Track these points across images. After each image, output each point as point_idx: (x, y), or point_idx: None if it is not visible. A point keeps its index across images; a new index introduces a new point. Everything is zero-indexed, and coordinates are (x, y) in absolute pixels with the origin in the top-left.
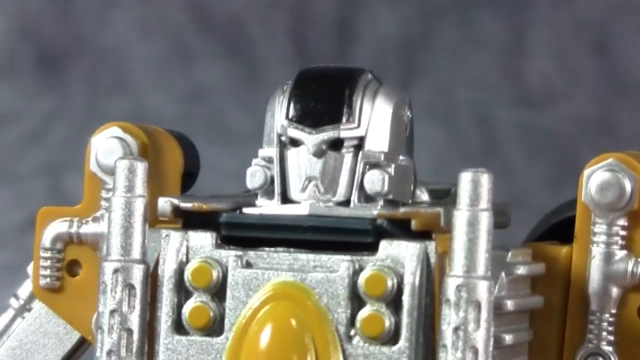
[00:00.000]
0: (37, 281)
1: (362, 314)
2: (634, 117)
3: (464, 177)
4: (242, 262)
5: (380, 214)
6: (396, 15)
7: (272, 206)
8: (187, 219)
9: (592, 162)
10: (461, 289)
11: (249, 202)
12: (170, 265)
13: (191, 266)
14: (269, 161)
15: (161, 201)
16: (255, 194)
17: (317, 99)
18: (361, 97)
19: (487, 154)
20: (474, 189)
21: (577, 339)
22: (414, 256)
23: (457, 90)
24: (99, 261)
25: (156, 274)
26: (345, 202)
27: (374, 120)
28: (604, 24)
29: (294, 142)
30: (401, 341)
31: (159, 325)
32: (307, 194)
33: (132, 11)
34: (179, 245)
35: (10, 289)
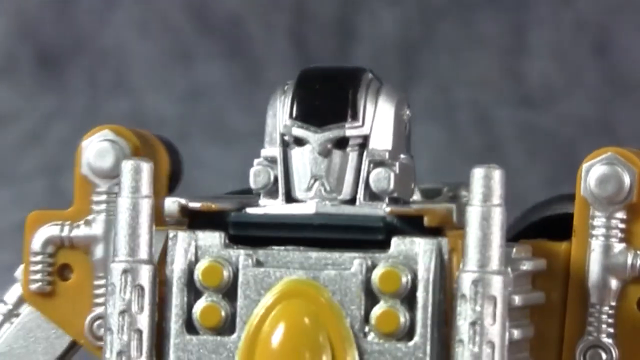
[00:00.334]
0: (27, 285)
1: (377, 311)
2: (634, 117)
3: (477, 173)
4: (253, 260)
5: (393, 211)
6: (396, 15)
7: (276, 205)
8: (193, 219)
9: (590, 156)
10: (477, 283)
11: (251, 202)
12: (179, 265)
13: (201, 266)
14: (272, 161)
15: (168, 201)
16: (258, 193)
17: (321, 98)
18: (365, 96)
19: (487, 154)
20: (486, 185)
21: (577, 332)
22: (427, 252)
23: (457, 90)
24: (90, 265)
25: (162, 274)
26: (350, 200)
27: (378, 119)
28: (604, 24)
29: (299, 141)
30: (416, 337)
31: (167, 325)
32: (313, 193)
33: (132, 11)
34: (187, 245)
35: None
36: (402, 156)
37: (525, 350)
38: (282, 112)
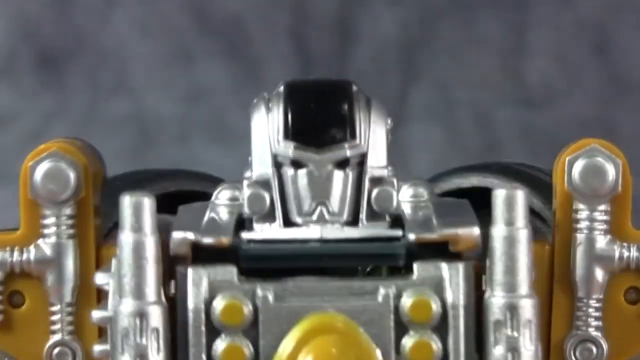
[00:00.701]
0: None
1: (409, 341)
2: (634, 117)
3: (499, 195)
4: (272, 295)
5: (419, 238)
6: (396, 15)
7: (276, 230)
8: (197, 252)
9: (572, 149)
10: (511, 309)
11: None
12: (193, 304)
13: (220, 304)
14: (264, 183)
15: (177, 236)
16: (250, 219)
17: (317, 118)
18: (358, 113)
19: (487, 154)
20: (509, 208)
21: (564, 327)
22: (455, 277)
23: (457, 90)
24: (44, 291)
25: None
26: (353, 221)
27: (372, 135)
28: (604, 24)
29: (296, 163)
30: None
31: None
32: (316, 217)
33: (132, 11)
34: (198, 281)
35: None
36: (390, 168)
37: None
38: (273, 132)
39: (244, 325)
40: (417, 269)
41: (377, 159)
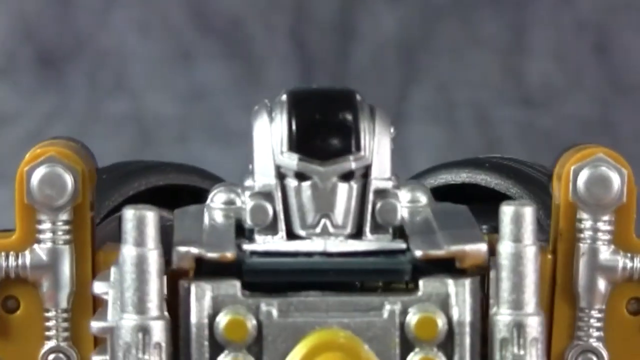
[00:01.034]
0: None
1: (414, 359)
2: (634, 117)
3: (506, 211)
4: (276, 311)
5: (426, 255)
6: (396, 15)
7: (279, 243)
8: (199, 266)
9: (577, 158)
10: (518, 327)
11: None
12: (196, 319)
13: (224, 319)
14: (267, 195)
15: (180, 250)
16: (251, 229)
17: (322, 130)
18: (363, 125)
19: (487, 154)
20: (517, 224)
21: (565, 337)
22: (461, 294)
23: (457, 90)
24: (39, 296)
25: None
26: (356, 234)
27: (377, 146)
28: (604, 24)
29: (300, 176)
30: None
31: None
32: (320, 229)
33: (132, 11)
34: (201, 296)
35: None
36: (393, 178)
37: None
38: (275, 142)
39: (247, 341)
40: (423, 285)
41: (381, 171)
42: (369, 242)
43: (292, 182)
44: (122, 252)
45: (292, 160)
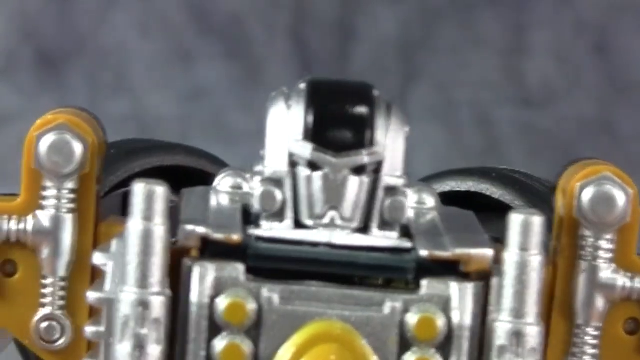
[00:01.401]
0: None
1: (411, 358)
2: (634, 117)
3: (514, 220)
4: (278, 297)
5: (431, 255)
6: (396, 15)
7: (285, 231)
8: (205, 246)
9: (583, 175)
10: (517, 335)
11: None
12: (197, 298)
13: (225, 302)
14: (278, 181)
15: (187, 229)
16: (257, 215)
17: (339, 122)
18: (379, 120)
19: (487, 154)
20: (524, 233)
21: (560, 353)
22: (463, 298)
23: (457, 90)
24: (37, 263)
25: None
26: (363, 228)
27: (390, 143)
28: (604, 24)
29: (312, 165)
30: None
31: None
32: (328, 220)
33: (132, 11)
34: (204, 276)
35: None
36: (405, 176)
37: None
38: (291, 131)
39: (246, 325)
40: (425, 285)
41: (393, 167)
42: (375, 238)
43: (303, 171)
44: (128, 225)
45: (306, 149)
